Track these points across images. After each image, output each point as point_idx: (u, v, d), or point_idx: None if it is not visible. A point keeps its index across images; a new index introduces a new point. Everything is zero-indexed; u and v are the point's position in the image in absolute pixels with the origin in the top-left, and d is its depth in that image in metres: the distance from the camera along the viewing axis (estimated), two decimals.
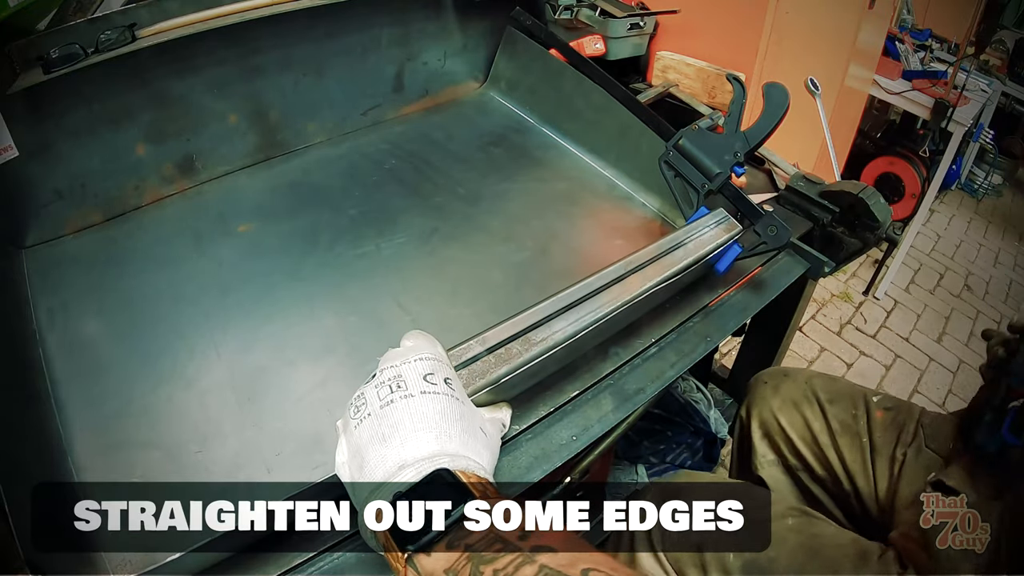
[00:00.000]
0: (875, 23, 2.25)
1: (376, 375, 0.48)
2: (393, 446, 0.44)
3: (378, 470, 0.43)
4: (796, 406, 0.92)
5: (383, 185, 1.03)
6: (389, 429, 0.44)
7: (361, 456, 0.44)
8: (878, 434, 0.86)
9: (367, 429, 0.45)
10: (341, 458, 0.47)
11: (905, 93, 2.64)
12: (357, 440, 0.45)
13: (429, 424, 0.45)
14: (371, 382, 0.47)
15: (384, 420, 0.45)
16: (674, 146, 0.91)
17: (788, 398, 0.93)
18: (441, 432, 0.45)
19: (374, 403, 0.46)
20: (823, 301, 2.56)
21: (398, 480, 0.42)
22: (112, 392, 0.69)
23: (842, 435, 0.88)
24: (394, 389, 0.46)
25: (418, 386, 0.46)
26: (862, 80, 2.50)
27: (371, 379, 0.48)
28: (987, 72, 3.18)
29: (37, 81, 0.78)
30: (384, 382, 0.46)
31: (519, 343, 0.62)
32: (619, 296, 0.72)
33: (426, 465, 0.42)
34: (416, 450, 0.43)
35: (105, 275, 0.84)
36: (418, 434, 0.44)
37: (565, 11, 1.60)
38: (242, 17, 0.91)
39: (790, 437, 0.91)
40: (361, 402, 0.46)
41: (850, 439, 0.87)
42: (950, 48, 3.04)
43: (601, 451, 0.94)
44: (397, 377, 0.47)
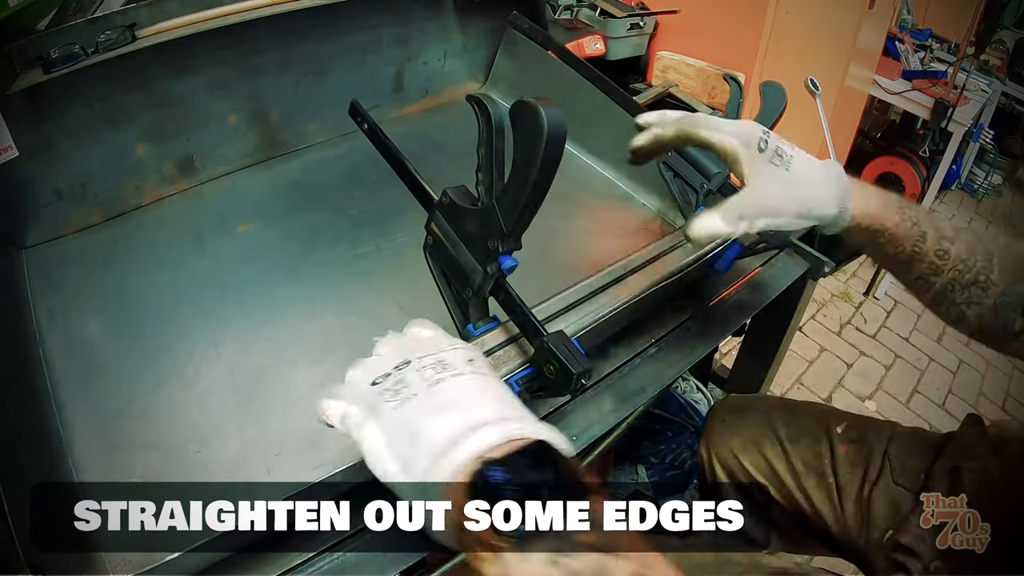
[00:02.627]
0: (875, 23, 2.25)
1: (412, 362, 0.42)
2: (455, 415, 0.38)
3: (438, 438, 0.36)
4: (757, 447, 0.86)
5: (383, 185, 1.03)
6: (447, 401, 0.39)
7: (412, 430, 0.38)
8: (843, 472, 0.80)
9: (415, 407, 0.39)
10: (376, 443, 0.39)
11: (905, 93, 2.64)
12: (403, 418, 0.39)
13: (491, 397, 0.40)
14: (406, 369, 0.42)
15: (436, 396, 0.39)
16: None
17: (748, 437, 0.87)
18: (505, 406, 0.40)
19: (418, 385, 0.40)
20: (823, 301, 2.56)
21: (487, 446, 0.35)
22: (112, 392, 0.69)
23: (807, 476, 0.82)
24: (440, 370, 0.41)
25: (466, 367, 0.42)
26: (862, 80, 2.50)
27: (404, 365, 0.42)
28: (987, 72, 3.18)
29: (37, 81, 0.78)
30: (427, 366, 0.42)
31: (517, 346, 0.62)
32: (619, 296, 0.72)
33: (514, 430, 0.36)
34: (484, 414, 0.38)
35: (105, 275, 0.84)
36: (484, 404, 0.39)
37: (565, 11, 1.60)
38: (242, 17, 0.91)
39: (756, 479, 0.86)
40: (402, 386, 0.41)
41: (816, 480, 0.82)
42: (950, 48, 3.04)
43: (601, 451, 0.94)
44: (440, 361, 0.42)
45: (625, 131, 1.05)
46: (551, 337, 0.55)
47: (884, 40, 2.61)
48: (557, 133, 0.47)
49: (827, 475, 0.81)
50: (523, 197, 0.50)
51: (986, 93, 2.87)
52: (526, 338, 0.60)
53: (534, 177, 0.48)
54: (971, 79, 2.79)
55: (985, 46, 3.05)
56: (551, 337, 0.55)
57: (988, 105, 3.01)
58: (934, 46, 2.98)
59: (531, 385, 0.58)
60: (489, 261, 0.57)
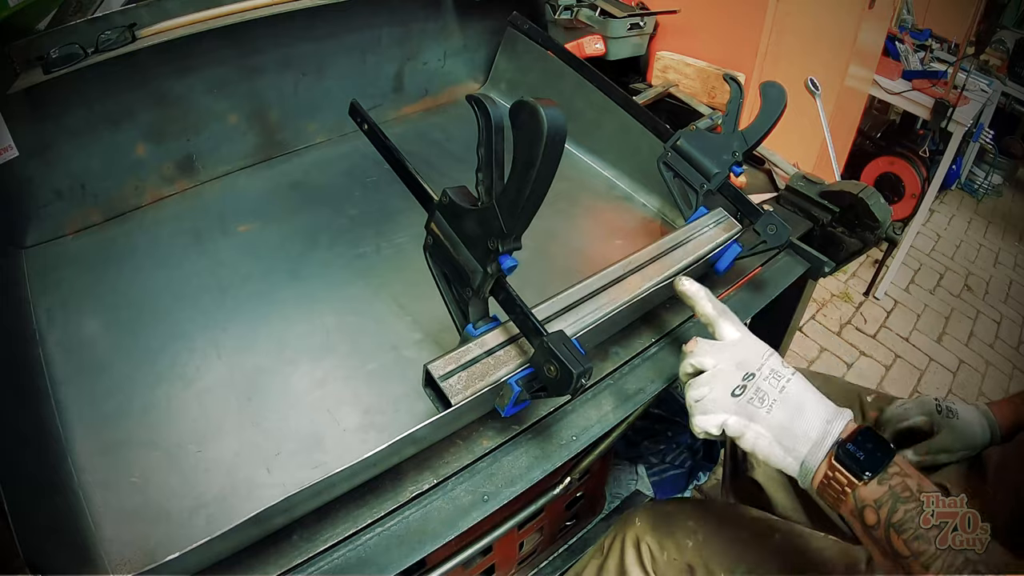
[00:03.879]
0: (875, 23, 2.25)
1: (755, 374, 0.60)
2: (810, 412, 0.57)
3: (812, 431, 0.56)
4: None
5: (383, 185, 1.03)
6: (798, 403, 0.58)
7: (788, 429, 0.57)
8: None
9: (779, 411, 0.58)
10: (765, 442, 0.58)
11: (905, 93, 2.64)
12: (778, 420, 0.58)
13: (817, 395, 0.59)
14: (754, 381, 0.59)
15: (789, 400, 0.58)
16: (672, 147, 0.91)
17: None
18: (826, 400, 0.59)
19: (773, 393, 0.58)
20: (823, 301, 2.56)
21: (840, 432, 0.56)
22: (112, 391, 0.69)
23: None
24: (778, 380, 0.59)
25: (786, 370, 0.60)
26: (862, 80, 2.50)
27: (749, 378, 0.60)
28: (987, 72, 3.18)
29: (37, 81, 0.78)
30: (766, 376, 0.59)
31: (517, 346, 0.62)
32: (619, 296, 0.72)
33: (844, 418, 0.57)
34: (825, 411, 0.57)
35: (105, 275, 0.84)
36: (818, 401, 0.58)
37: (565, 11, 1.60)
38: (242, 17, 0.91)
39: None
40: (761, 395, 0.59)
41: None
42: (950, 48, 3.04)
43: (601, 451, 0.94)
44: (773, 371, 0.60)
45: (625, 131, 1.06)
46: (551, 337, 0.55)
47: (884, 40, 2.61)
48: (557, 133, 0.47)
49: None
50: (523, 197, 0.51)
51: (986, 93, 2.87)
52: (526, 338, 0.60)
53: (534, 177, 0.48)
54: (971, 79, 2.79)
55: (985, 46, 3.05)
56: (551, 337, 0.55)
57: (988, 105, 3.01)
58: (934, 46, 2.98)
59: (531, 385, 0.58)
60: (489, 261, 0.57)
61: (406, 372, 0.73)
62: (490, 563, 1.00)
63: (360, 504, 0.57)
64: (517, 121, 0.48)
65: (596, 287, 0.72)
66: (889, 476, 0.53)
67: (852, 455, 0.54)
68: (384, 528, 0.56)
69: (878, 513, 0.52)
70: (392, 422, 0.68)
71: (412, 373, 0.71)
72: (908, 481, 0.53)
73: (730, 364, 0.61)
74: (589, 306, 0.70)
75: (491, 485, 0.60)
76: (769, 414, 0.58)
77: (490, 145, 0.54)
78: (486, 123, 0.54)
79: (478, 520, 0.57)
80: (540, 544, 1.09)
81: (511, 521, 0.89)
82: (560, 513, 1.06)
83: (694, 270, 0.76)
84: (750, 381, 0.59)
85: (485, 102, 0.53)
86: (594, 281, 0.73)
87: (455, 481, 0.60)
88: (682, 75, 1.65)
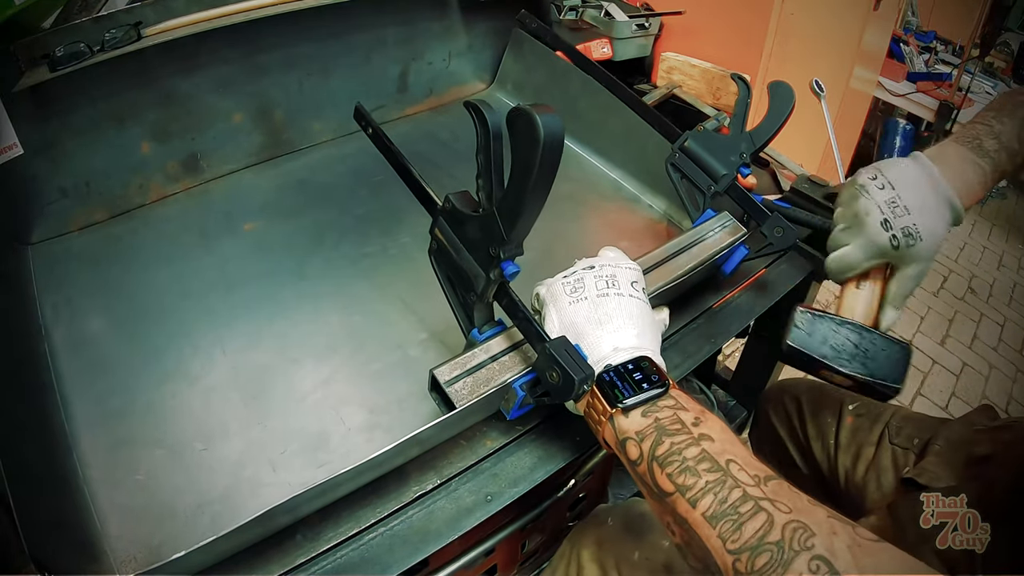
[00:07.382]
0: (880, 25, 2.25)
1: (595, 268, 0.57)
2: (608, 331, 0.54)
3: (596, 348, 0.53)
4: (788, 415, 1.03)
5: (388, 185, 1.02)
6: (604, 316, 0.54)
7: (577, 331, 0.54)
8: (844, 435, 0.92)
9: (583, 310, 0.55)
10: (552, 326, 0.56)
11: (910, 95, 2.64)
12: (572, 316, 0.55)
13: (634, 321, 0.55)
14: (589, 272, 0.56)
15: (599, 308, 0.55)
16: (679, 148, 0.91)
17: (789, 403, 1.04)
18: (640, 331, 0.55)
19: (591, 290, 0.55)
20: (827, 303, 2.55)
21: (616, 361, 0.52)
22: (117, 388, 0.69)
23: (815, 440, 0.96)
24: (609, 285, 0.56)
25: (627, 289, 0.56)
26: (867, 82, 2.49)
27: (588, 269, 0.57)
28: (992, 74, 3.18)
29: (42, 79, 0.78)
30: (602, 276, 0.56)
31: (522, 351, 0.62)
32: None
33: (634, 352, 0.53)
34: (626, 339, 0.54)
35: (110, 272, 0.84)
36: (627, 327, 0.54)
37: (570, 11, 1.60)
38: (247, 16, 0.91)
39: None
40: (580, 285, 0.56)
41: (820, 444, 0.95)
42: (955, 50, 3.04)
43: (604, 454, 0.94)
44: (612, 276, 0.56)
45: (632, 131, 1.06)
46: (553, 343, 0.54)
47: (889, 42, 2.61)
48: (553, 140, 0.46)
49: (829, 437, 0.93)
50: (522, 204, 0.51)
51: (991, 95, 2.86)
52: (529, 343, 0.60)
53: (532, 184, 0.48)
54: (976, 81, 2.79)
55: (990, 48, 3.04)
56: (553, 343, 0.54)
57: None
58: (939, 48, 2.98)
59: (535, 390, 0.58)
60: (491, 267, 0.57)
61: (411, 372, 0.73)
62: (492, 563, 1.00)
63: (363, 503, 0.57)
64: (514, 128, 0.48)
65: None
66: (658, 408, 0.49)
67: (611, 382, 0.50)
68: (387, 528, 0.56)
69: (640, 447, 0.48)
70: (397, 422, 0.68)
71: (417, 373, 0.71)
72: (682, 414, 0.48)
73: (586, 263, 0.59)
74: None
75: (495, 485, 0.60)
76: (571, 307, 0.55)
77: (488, 151, 0.54)
78: (484, 130, 0.54)
79: (481, 520, 0.57)
80: (541, 544, 1.09)
81: (516, 523, 0.89)
82: (563, 513, 1.05)
83: (700, 273, 0.76)
84: (587, 271, 0.57)
85: (482, 108, 0.53)
86: None
87: (459, 481, 0.60)
88: (687, 76, 1.65)
